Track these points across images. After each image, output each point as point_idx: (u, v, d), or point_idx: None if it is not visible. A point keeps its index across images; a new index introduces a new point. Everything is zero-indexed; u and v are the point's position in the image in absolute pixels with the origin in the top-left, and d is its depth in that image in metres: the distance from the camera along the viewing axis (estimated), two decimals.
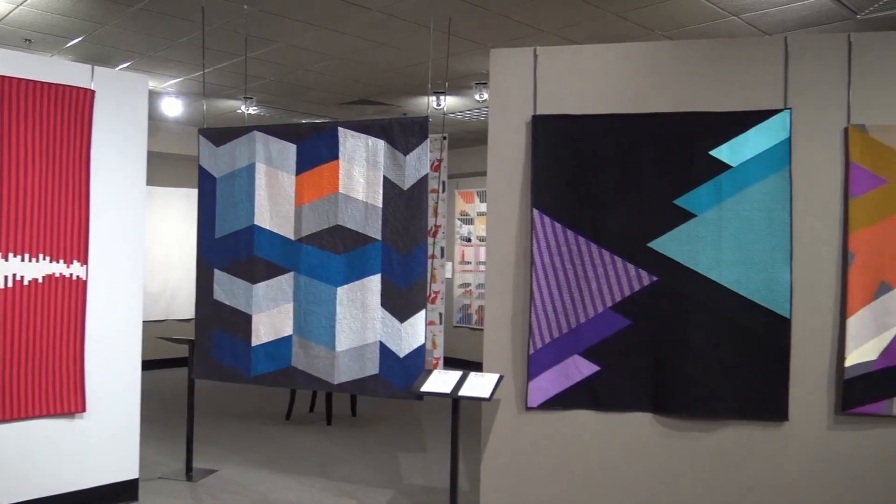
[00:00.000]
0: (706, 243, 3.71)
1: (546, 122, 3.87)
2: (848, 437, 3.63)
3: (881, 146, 3.58)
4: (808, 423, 3.66)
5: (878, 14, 5.09)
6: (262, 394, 7.79)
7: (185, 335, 5.76)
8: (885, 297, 3.56)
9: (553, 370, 3.85)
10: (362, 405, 7.35)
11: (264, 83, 7.24)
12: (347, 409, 7.15)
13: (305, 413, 7.11)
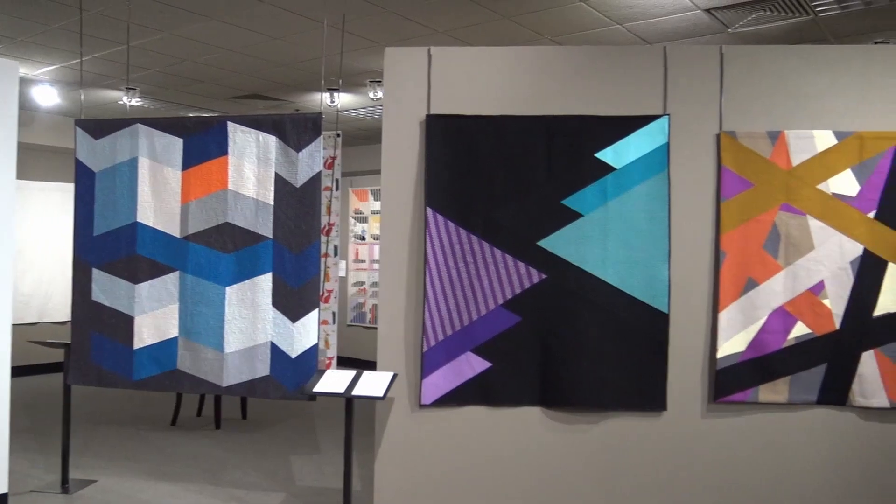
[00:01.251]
0: (592, 242, 3.86)
1: (440, 121, 3.91)
2: (720, 424, 3.88)
3: (749, 152, 3.84)
4: (685, 411, 3.88)
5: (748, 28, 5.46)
6: (146, 399, 7.44)
7: (60, 338, 5.42)
8: (752, 292, 3.83)
9: (446, 367, 3.89)
10: (253, 408, 7.17)
11: (148, 74, 6.91)
12: (237, 412, 6.95)
13: (192, 417, 6.85)
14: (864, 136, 3.80)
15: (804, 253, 3.82)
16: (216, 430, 6.45)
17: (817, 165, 3.82)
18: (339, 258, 7.43)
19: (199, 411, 6.94)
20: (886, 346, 3.79)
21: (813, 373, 3.81)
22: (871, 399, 3.80)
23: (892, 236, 3.78)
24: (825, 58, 3.90)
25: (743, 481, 3.87)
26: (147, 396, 7.44)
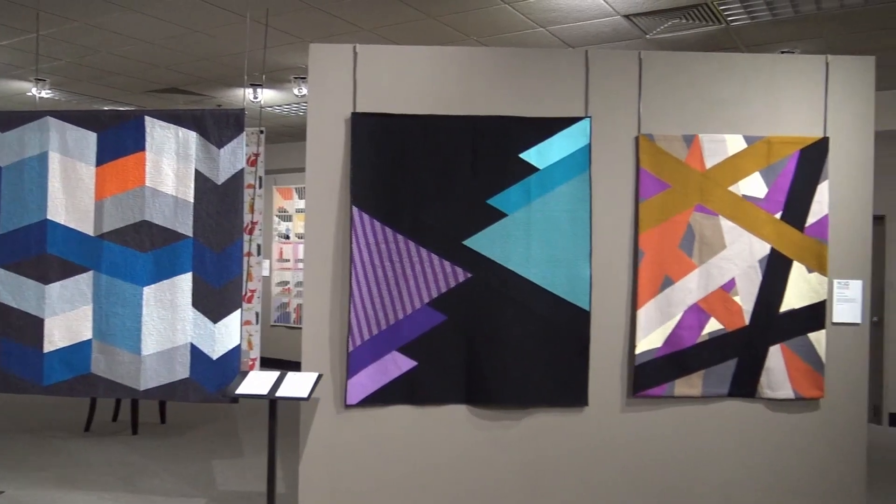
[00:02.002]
0: (516, 241, 3.92)
1: (365, 119, 3.89)
2: (638, 418, 4.01)
3: (665, 154, 3.98)
4: (605, 406, 3.99)
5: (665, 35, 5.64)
6: (57, 404, 7.11)
7: None
8: (668, 290, 3.97)
9: (372, 367, 3.88)
10: (172, 412, 6.95)
11: (60, 65, 6.61)
12: (156, 417, 6.73)
13: (108, 423, 6.60)
14: (772, 140, 4.00)
15: (717, 252, 3.98)
16: (133, 435, 6.23)
17: (729, 168, 3.99)
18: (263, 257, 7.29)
19: (115, 416, 6.68)
20: (791, 340, 3.99)
21: (724, 367, 3.99)
22: (778, 391, 3.99)
23: (797, 236, 3.99)
24: (736, 65, 4.08)
25: (660, 471, 4.01)
26: (59, 402, 7.11)
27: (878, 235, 7.15)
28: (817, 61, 4.08)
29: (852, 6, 5.01)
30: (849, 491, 4.03)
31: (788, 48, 5.91)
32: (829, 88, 4.06)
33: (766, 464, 4.04)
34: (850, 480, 4.04)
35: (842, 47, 5.78)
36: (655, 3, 4.99)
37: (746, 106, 4.05)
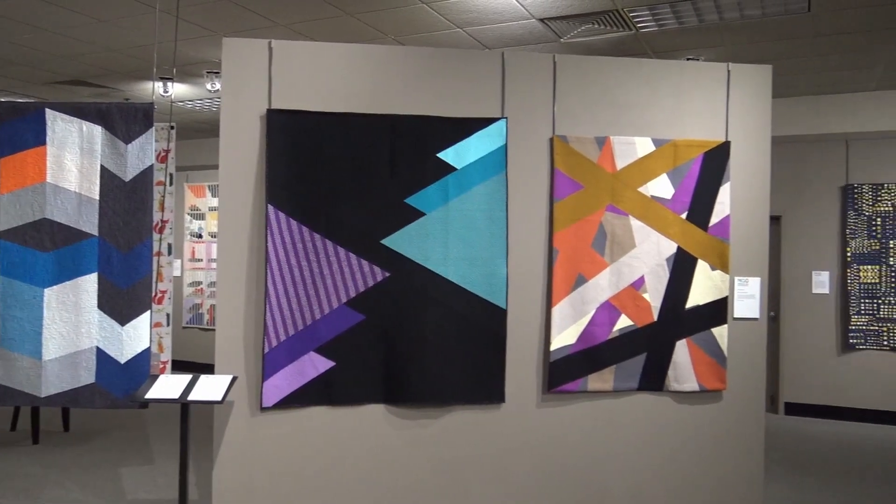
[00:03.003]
0: (435, 240, 3.94)
1: (281, 116, 3.83)
2: (553, 413, 4.10)
3: (579, 156, 4.09)
4: (521, 402, 4.07)
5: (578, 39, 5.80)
6: None
7: None
8: (582, 288, 4.08)
9: (288, 368, 3.82)
10: (77, 419, 6.64)
11: None
12: (58, 425, 6.42)
13: (5, 432, 6.24)
14: (678, 143, 4.17)
15: (627, 251, 4.12)
16: (34, 444, 5.92)
17: (638, 170, 4.14)
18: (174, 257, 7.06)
19: (14, 425, 6.33)
20: (696, 335, 4.17)
21: (634, 362, 4.13)
22: (684, 384, 4.17)
23: (701, 235, 4.17)
24: (645, 71, 4.23)
25: (575, 464, 4.12)
26: None
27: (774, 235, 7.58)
28: (720, 69, 4.28)
29: (752, 17, 5.28)
30: (748, 475, 4.26)
31: (693, 55, 6.17)
32: (730, 95, 4.26)
33: (673, 453, 4.21)
34: (749, 465, 4.26)
35: (742, 56, 6.09)
36: (569, 8, 5.12)
37: (655, 109, 4.21)
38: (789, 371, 7.80)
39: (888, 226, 7.37)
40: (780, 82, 6.96)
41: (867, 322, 7.43)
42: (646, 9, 5.13)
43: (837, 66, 6.53)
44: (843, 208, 7.58)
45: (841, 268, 7.60)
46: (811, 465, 5.88)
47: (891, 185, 7.37)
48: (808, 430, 7.16)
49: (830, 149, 7.69)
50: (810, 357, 7.71)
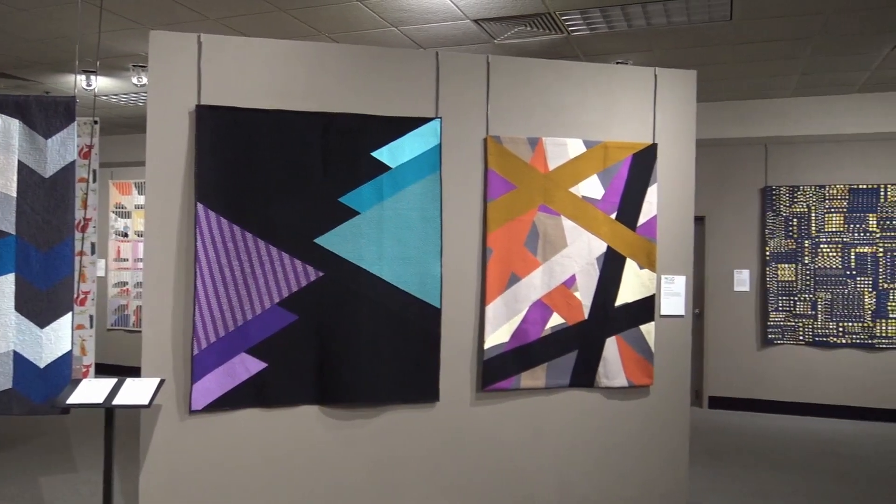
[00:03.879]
0: (369, 240, 3.93)
1: (212, 113, 3.74)
2: (487, 411, 4.15)
3: (512, 156, 4.14)
4: (455, 401, 4.09)
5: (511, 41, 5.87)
6: None
7: None
8: (515, 286, 4.14)
9: (219, 370, 3.74)
10: None
11: None
12: None
13: None
14: (608, 145, 4.27)
15: (559, 250, 4.20)
16: None
17: (569, 170, 4.22)
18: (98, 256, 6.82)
19: None
20: (625, 332, 4.28)
21: (566, 359, 4.21)
22: (614, 380, 4.28)
23: (630, 235, 4.29)
24: (576, 73, 4.32)
25: (509, 461, 4.18)
26: None
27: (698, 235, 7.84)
28: (647, 73, 4.41)
29: (678, 24, 5.46)
30: (674, 467, 4.40)
31: (623, 59, 6.34)
32: (657, 98, 4.39)
33: (602, 447, 4.31)
34: (675, 457, 4.40)
35: (669, 61, 6.28)
36: (503, 10, 5.18)
37: (585, 111, 4.30)
38: (712, 366, 8.09)
39: (803, 226, 7.73)
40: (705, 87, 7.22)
41: (784, 318, 7.78)
42: (577, 13, 5.23)
43: (757, 72, 6.81)
44: (763, 209, 7.91)
45: (760, 266, 7.93)
46: (733, 455, 6.12)
47: (806, 187, 7.73)
48: (730, 422, 7.44)
49: (751, 152, 8.01)
50: (732, 352, 8.02)
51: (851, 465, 5.90)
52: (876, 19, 5.33)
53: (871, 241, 7.53)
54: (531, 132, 4.20)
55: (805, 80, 7.11)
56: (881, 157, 7.59)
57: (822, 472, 5.65)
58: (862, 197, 7.58)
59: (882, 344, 7.50)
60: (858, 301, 7.56)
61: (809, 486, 5.28)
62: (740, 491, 5.14)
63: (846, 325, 7.60)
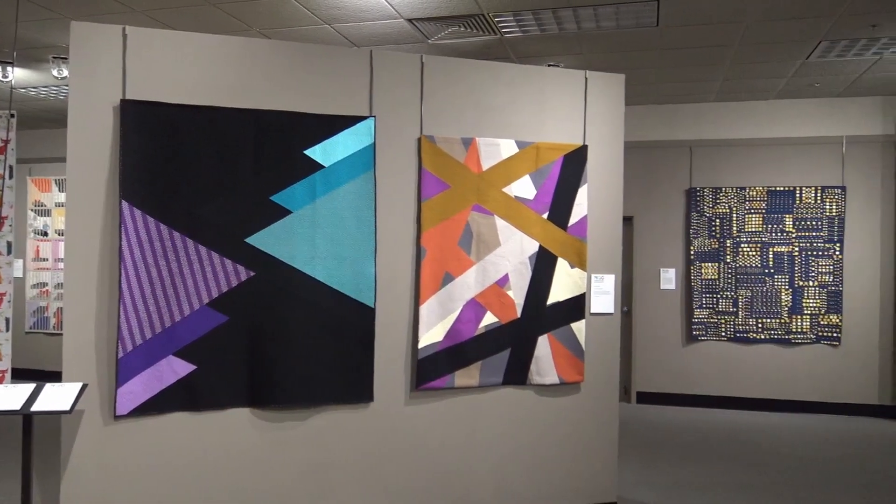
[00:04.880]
0: (301, 239, 3.88)
1: (137, 108, 3.63)
2: (421, 410, 4.16)
3: (445, 156, 4.16)
4: (390, 400, 4.09)
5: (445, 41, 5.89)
6: None
7: None
8: (449, 285, 4.16)
9: (146, 373, 3.63)
10: None
11: None
12: None
13: None
14: (540, 146, 4.34)
15: (492, 249, 4.24)
16: None
17: (502, 171, 4.27)
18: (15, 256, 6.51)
19: None
20: (557, 330, 4.37)
21: (499, 357, 4.26)
22: (546, 377, 4.35)
23: (561, 235, 4.37)
24: (509, 75, 4.37)
25: (444, 459, 4.20)
26: None
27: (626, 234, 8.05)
28: (578, 75, 4.50)
29: (607, 28, 5.59)
30: (604, 461, 4.51)
31: (554, 62, 6.45)
32: (587, 101, 4.49)
33: (534, 443, 4.38)
34: (604, 452, 4.51)
35: (599, 64, 6.42)
36: (437, 10, 5.19)
37: (518, 113, 4.36)
38: (640, 362, 8.32)
39: (725, 226, 8.03)
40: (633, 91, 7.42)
41: (708, 315, 8.06)
42: (510, 15, 5.30)
43: (683, 77, 7.04)
44: (688, 210, 8.17)
45: (685, 265, 8.20)
46: (660, 448, 6.31)
47: (728, 188, 8.03)
48: (656, 416, 7.67)
49: (676, 154, 8.27)
50: (659, 349, 8.26)
51: (767, 454, 6.16)
52: (791, 30, 5.58)
53: (787, 241, 7.89)
54: (465, 132, 4.23)
55: (727, 86, 7.39)
56: (796, 160, 7.96)
57: (740, 462, 5.89)
58: (779, 199, 7.92)
59: (797, 339, 7.86)
60: (776, 298, 7.90)
61: (729, 476, 5.49)
62: (666, 482, 5.31)
63: (765, 321, 7.93)
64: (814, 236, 7.82)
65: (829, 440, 6.73)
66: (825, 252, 7.79)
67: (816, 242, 7.81)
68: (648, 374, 8.29)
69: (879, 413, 7.72)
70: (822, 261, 7.79)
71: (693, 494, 5.05)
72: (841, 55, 6.24)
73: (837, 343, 7.80)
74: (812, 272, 7.82)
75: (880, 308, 7.76)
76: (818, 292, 7.81)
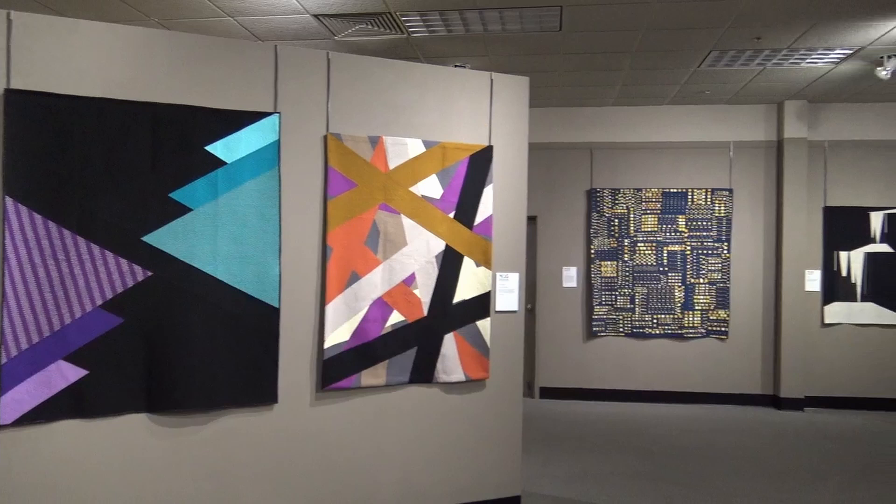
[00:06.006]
0: (202, 237, 3.76)
1: (24, 98, 3.41)
2: (327, 411, 4.11)
3: (352, 154, 4.13)
4: (295, 402, 4.02)
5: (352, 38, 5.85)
6: None
7: None
8: (355, 285, 4.14)
9: (32, 379, 3.42)
10: None
11: None
12: None
13: None
14: (447, 146, 4.38)
15: (399, 248, 4.25)
16: None
17: (409, 170, 4.28)
18: None
19: None
20: (462, 328, 4.42)
21: (406, 356, 4.28)
22: (452, 375, 4.40)
23: (467, 234, 4.43)
24: (416, 74, 4.39)
25: (350, 460, 4.17)
26: None
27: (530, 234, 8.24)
28: (484, 77, 4.57)
29: (512, 31, 5.70)
30: (508, 456, 4.60)
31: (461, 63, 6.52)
32: (493, 102, 4.57)
33: (440, 441, 4.42)
34: (508, 446, 4.61)
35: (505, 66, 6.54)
36: (343, 7, 5.15)
37: (425, 112, 4.38)
38: (543, 358, 8.54)
39: (623, 226, 8.36)
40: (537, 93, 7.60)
41: (607, 311, 8.37)
42: (417, 14, 5.32)
43: (584, 81, 7.27)
44: (588, 210, 8.45)
45: (586, 264, 8.47)
46: (562, 442, 6.50)
47: (625, 189, 8.35)
48: (559, 411, 7.89)
49: (578, 156, 8.53)
50: (561, 345, 8.51)
51: (661, 443, 6.46)
52: (684, 39, 5.87)
53: (680, 240, 8.28)
54: (372, 131, 4.22)
55: (625, 91, 7.68)
56: (688, 163, 8.37)
57: (637, 452, 6.14)
58: (673, 200, 8.31)
59: (689, 334, 8.28)
60: (670, 295, 8.29)
61: (626, 465, 5.72)
62: (567, 474, 5.47)
63: (659, 317, 8.31)
64: (704, 236, 8.25)
65: (717, 429, 7.12)
66: (714, 251, 8.24)
67: (707, 242, 8.25)
68: (551, 370, 8.52)
69: (762, 402, 8.24)
70: (712, 259, 8.23)
71: (592, 484, 5.24)
72: (729, 65, 6.61)
73: (725, 337, 8.27)
74: (703, 270, 8.25)
75: (762, 303, 8.28)
76: (708, 289, 8.25)
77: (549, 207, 8.54)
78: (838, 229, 8.15)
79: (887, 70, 6.28)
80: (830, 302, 8.16)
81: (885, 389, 8.10)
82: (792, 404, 8.02)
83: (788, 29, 5.57)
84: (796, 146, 8.09)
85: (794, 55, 6.26)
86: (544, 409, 7.95)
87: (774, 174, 8.29)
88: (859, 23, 5.40)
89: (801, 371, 8.04)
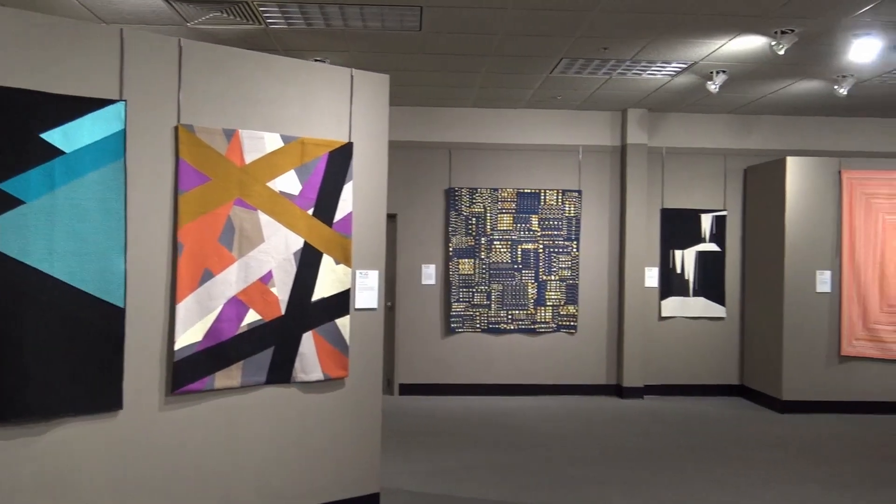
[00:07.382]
0: (37, 233, 3.46)
1: None
2: (178, 415, 3.92)
3: (206, 147, 3.96)
4: (142, 407, 3.80)
5: (206, 26, 5.61)
6: None
7: None
8: (209, 283, 3.97)
9: None
10: None
11: None
12: None
13: None
14: (306, 141, 4.31)
15: (255, 245, 4.13)
16: None
17: (267, 165, 4.17)
18: None
19: None
20: (321, 326, 4.37)
21: (262, 356, 4.16)
22: (310, 374, 4.34)
23: (326, 231, 4.38)
24: (275, 67, 4.28)
25: (204, 464, 4.00)
26: None
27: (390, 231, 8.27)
28: (344, 73, 4.54)
29: (373, 28, 5.69)
30: (367, 453, 4.61)
31: (321, 57, 6.43)
32: (353, 98, 4.54)
33: (298, 441, 4.35)
34: (368, 444, 4.61)
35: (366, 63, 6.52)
36: None
37: (284, 107, 4.28)
38: (403, 355, 8.61)
39: (480, 225, 8.59)
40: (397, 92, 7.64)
41: (464, 308, 8.57)
42: (275, 5, 5.19)
43: (443, 82, 7.40)
44: (447, 209, 8.61)
45: (445, 261, 8.63)
46: (422, 437, 6.59)
47: (482, 189, 8.59)
48: (419, 406, 7.99)
49: (437, 155, 8.67)
50: (420, 341, 8.61)
51: (518, 434, 6.72)
52: (537, 46, 6.12)
53: (533, 239, 8.63)
54: (227, 123, 4.07)
55: (483, 93, 7.89)
56: (541, 165, 8.74)
57: (493, 445, 6.35)
58: (527, 200, 8.64)
59: (541, 328, 8.65)
60: (523, 292, 8.61)
61: (483, 458, 5.90)
62: (427, 469, 5.56)
63: (514, 312, 8.62)
64: (555, 235, 8.65)
65: (567, 417, 7.50)
66: (564, 249, 8.65)
67: (557, 240, 8.65)
68: (410, 366, 8.61)
69: (607, 392, 8.77)
70: (562, 257, 8.65)
71: (451, 478, 5.35)
72: (578, 72, 6.97)
73: (574, 331, 8.71)
74: (554, 267, 8.64)
75: (608, 298, 8.80)
76: (559, 286, 8.65)
77: (409, 205, 8.62)
78: (674, 230, 8.82)
79: (715, 84, 6.89)
80: (667, 297, 8.82)
81: (712, 376, 8.87)
82: (633, 393, 8.59)
83: (631, 41, 5.95)
84: (637, 151, 8.67)
85: (636, 66, 6.70)
86: (404, 406, 8.01)
87: (619, 177, 8.83)
88: (692, 40, 5.87)
89: (640, 361, 8.63)
